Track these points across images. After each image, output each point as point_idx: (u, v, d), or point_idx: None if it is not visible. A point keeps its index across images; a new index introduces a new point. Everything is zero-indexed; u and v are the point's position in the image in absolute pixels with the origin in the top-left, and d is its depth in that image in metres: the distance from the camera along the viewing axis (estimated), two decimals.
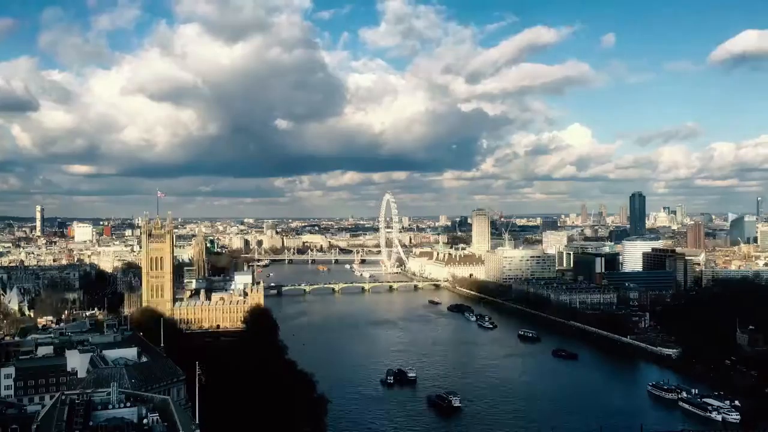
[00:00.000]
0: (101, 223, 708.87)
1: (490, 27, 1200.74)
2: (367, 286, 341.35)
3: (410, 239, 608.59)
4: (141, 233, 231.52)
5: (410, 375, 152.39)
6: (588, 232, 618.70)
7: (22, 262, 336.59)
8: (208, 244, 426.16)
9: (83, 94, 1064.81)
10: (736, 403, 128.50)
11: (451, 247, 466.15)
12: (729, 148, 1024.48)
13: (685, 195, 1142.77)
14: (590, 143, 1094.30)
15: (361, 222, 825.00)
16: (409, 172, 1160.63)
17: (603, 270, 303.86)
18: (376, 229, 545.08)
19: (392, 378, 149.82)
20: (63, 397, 53.83)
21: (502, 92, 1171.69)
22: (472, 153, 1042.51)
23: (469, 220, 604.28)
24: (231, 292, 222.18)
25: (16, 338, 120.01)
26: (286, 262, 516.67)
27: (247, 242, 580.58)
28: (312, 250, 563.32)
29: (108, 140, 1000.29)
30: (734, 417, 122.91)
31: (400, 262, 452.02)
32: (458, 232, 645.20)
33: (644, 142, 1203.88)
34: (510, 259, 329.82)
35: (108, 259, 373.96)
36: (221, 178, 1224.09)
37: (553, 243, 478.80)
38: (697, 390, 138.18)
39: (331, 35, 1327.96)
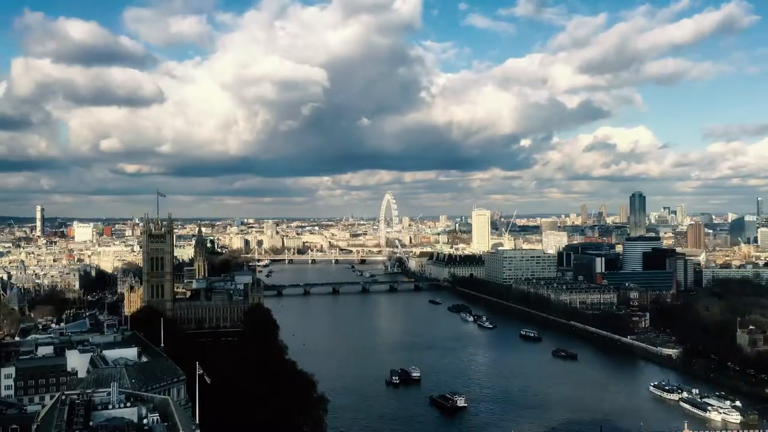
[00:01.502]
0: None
1: (619, 15, 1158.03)
2: (367, 287, 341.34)
3: (410, 239, 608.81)
4: (141, 233, 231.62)
5: (414, 375, 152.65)
6: (588, 232, 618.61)
7: (22, 262, 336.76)
8: (209, 244, 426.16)
9: (158, 87, 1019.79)
10: (737, 403, 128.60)
11: (451, 247, 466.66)
12: None
13: (707, 195, 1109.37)
14: (649, 143, 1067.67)
15: (361, 222, 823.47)
16: (450, 170, 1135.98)
17: (603, 270, 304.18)
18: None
19: (397, 378, 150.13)
20: (63, 397, 53.81)
21: (607, 83, 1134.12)
22: (534, 150, 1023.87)
23: (469, 221, 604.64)
24: (231, 291, 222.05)
25: (16, 338, 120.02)
26: (287, 262, 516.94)
27: (247, 242, 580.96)
28: (312, 250, 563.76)
29: (171, 138, 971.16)
30: (734, 417, 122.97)
31: (401, 262, 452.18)
32: (458, 232, 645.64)
33: (730, 137, 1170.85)
34: (510, 259, 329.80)
35: (108, 259, 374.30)
36: (251, 177, 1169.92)
37: (554, 243, 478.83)
38: (697, 390, 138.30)
39: (441, 18, 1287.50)
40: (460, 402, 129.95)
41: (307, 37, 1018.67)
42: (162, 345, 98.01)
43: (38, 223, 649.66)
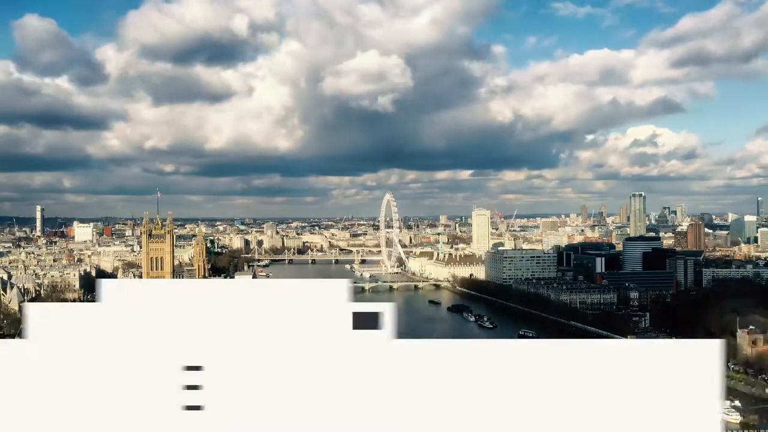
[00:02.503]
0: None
1: None
2: (366, 286, 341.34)
3: (410, 239, 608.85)
4: (141, 233, 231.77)
5: None
6: (588, 232, 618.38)
7: (22, 262, 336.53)
8: (209, 244, 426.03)
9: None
10: (737, 403, 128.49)
11: (451, 247, 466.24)
12: None
13: (722, 194, 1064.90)
14: (697, 140, 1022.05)
15: (361, 222, 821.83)
16: (485, 169, 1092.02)
17: (603, 270, 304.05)
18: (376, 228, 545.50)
19: None
20: None
21: (685, 77, 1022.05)
22: (576, 147, 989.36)
23: (469, 220, 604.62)
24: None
25: (16, 338, 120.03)
26: (287, 262, 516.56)
27: (247, 242, 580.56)
28: (312, 250, 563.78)
29: (220, 136, 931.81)
30: (734, 417, 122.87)
31: (400, 262, 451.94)
32: (458, 232, 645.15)
33: None
34: (510, 259, 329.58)
35: (108, 259, 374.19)
36: (273, 176, 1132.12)
37: (553, 243, 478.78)
38: None
39: (524, 5, 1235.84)
40: None
41: (388, 23, 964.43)
42: None
43: (38, 223, 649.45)
